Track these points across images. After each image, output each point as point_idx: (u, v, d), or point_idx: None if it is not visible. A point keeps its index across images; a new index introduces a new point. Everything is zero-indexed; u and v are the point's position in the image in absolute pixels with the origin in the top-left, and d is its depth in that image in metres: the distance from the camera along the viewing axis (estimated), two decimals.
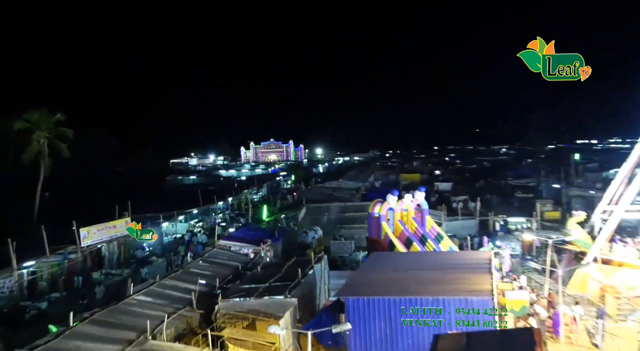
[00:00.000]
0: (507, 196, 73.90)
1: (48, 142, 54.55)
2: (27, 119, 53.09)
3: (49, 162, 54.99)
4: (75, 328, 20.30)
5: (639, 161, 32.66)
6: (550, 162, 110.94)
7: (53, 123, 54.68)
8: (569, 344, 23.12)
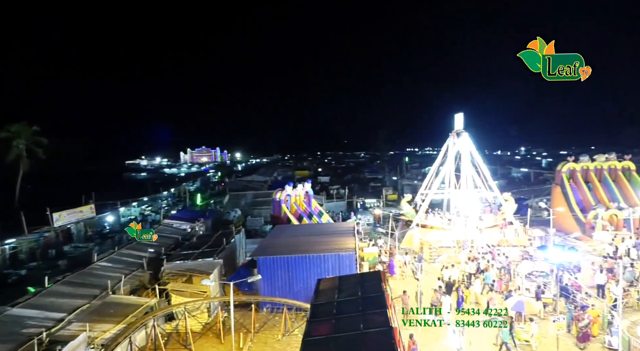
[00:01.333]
0: (364, 185, 76.62)
1: (27, 148, 49.33)
2: (8, 129, 48.00)
3: (27, 163, 49.77)
4: (50, 288, 18.40)
5: (441, 162, 35.34)
6: (390, 163, 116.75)
7: (31, 133, 49.52)
8: (402, 279, 24.51)
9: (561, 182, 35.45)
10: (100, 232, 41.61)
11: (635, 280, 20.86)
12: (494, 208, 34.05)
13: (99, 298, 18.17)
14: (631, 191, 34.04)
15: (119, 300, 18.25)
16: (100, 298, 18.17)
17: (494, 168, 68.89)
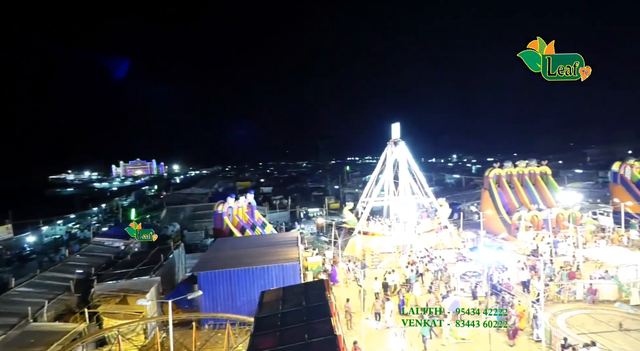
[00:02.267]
0: (307, 195, 77.08)
1: None
2: None
3: None
4: None
5: (380, 170, 36.57)
6: (332, 172, 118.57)
7: None
8: (345, 286, 24.84)
9: (489, 187, 38.11)
10: (19, 254, 37.81)
11: (554, 275, 22.83)
12: (431, 213, 35.72)
13: (17, 327, 16.45)
14: (548, 194, 37.45)
15: (42, 327, 16.65)
16: (19, 327, 16.46)
17: (429, 175, 72.54)
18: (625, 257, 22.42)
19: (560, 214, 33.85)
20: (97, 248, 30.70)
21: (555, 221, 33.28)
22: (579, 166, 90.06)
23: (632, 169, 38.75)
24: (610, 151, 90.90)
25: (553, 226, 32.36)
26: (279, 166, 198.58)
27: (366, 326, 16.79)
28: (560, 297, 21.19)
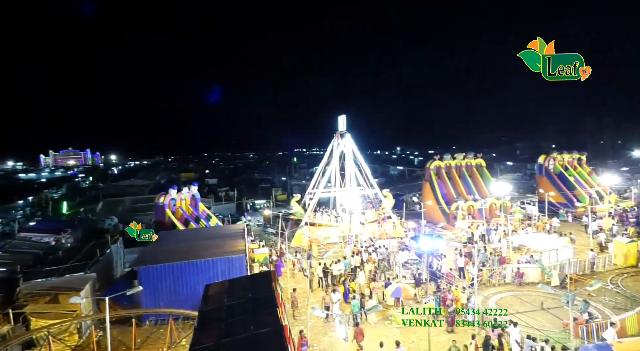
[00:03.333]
0: (254, 186, 76.16)
1: None
2: None
3: None
4: None
5: (327, 162, 37.00)
6: (279, 164, 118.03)
7: None
8: (293, 277, 25.01)
9: (430, 178, 39.88)
10: None
11: (486, 261, 24.49)
12: (375, 204, 36.77)
13: None
14: (483, 185, 39.94)
15: None
16: None
17: (374, 167, 74.43)
18: (547, 242, 24.53)
19: (493, 203, 36.26)
20: (23, 243, 28.35)
21: (489, 210, 35.62)
22: (510, 159, 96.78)
23: (554, 162, 42.33)
24: (537, 146, 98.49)
25: (487, 215, 34.63)
26: (225, 157, 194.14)
27: (312, 316, 17.03)
28: (492, 281, 22.80)
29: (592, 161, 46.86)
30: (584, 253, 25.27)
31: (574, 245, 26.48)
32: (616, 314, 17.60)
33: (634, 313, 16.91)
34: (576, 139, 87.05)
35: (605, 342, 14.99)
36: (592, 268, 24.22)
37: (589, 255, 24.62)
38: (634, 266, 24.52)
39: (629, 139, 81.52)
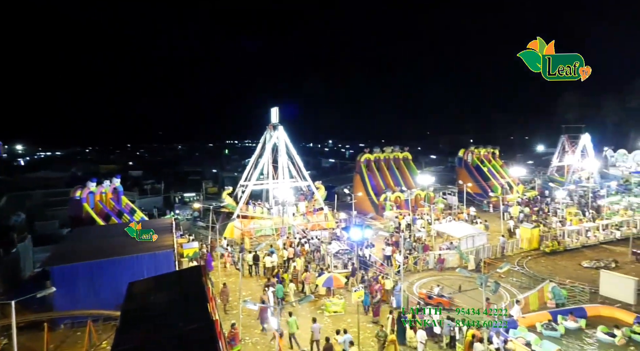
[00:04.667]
0: (183, 179, 73.24)
1: None
2: None
3: None
4: None
5: (260, 154, 36.60)
6: (210, 155, 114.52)
7: None
8: (224, 270, 24.52)
9: (360, 170, 41.15)
10: None
11: (412, 249, 25.94)
12: (308, 196, 37.16)
13: None
14: (409, 177, 42.11)
15: None
16: None
17: (306, 159, 74.92)
18: (465, 230, 26.57)
19: (418, 194, 38.39)
20: None
21: (414, 200, 37.67)
22: (434, 153, 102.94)
23: (472, 156, 45.80)
24: (457, 140, 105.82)
25: (412, 205, 36.58)
26: (150, 148, 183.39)
27: (244, 309, 16.87)
28: (416, 267, 24.23)
29: (503, 154, 51.42)
30: (497, 239, 27.76)
31: (488, 232, 28.99)
32: (521, 293, 19.62)
33: (535, 291, 18.99)
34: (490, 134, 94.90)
35: (512, 318, 16.68)
36: (503, 252, 26.72)
37: (500, 240, 27.13)
38: (536, 249, 27.47)
39: (534, 135, 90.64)
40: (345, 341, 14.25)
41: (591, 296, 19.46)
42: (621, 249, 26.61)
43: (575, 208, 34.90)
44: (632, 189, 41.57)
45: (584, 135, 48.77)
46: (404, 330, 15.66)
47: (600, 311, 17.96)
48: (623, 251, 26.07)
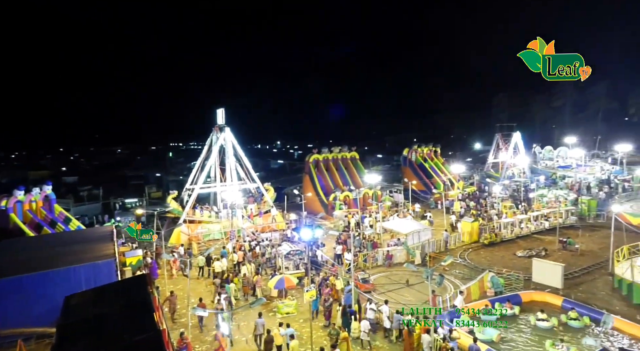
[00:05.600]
0: (124, 184, 69.65)
1: None
2: None
3: None
4: None
5: (206, 156, 35.72)
6: (153, 159, 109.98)
7: None
8: (170, 278, 23.65)
9: (309, 171, 41.41)
10: None
11: (361, 246, 26.53)
12: (257, 198, 36.79)
13: None
14: (357, 176, 43.01)
15: None
16: None
17: (255, 161, 74.16)
18: (411, 226, 27.60)
19: (366, 193, 39.32)
20: None
21: (363, 199, 38.53)
22: (380, 152, 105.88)
23: (416, 154, 47.68)
24: (402, 139, 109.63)
25: (361, 204, 37.40)
26: (87, 152, 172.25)
27: (193, 316, 16.40)
28: (366, 264, 24.82)
29: (444, 152, 54.02)
30: (441, 233, 29.11)
31: (432, 227, 30.33)
32: (464, 283, 20.74)
33: (475, 281, 20.16)
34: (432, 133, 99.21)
35: (456, 308, 17.59)
36: (446, 246, 28.08)
37: (444, 235, 28.48)
38: (476, 241, 29.15)
39: (472, 133, 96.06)
40: (287, 334, 14.79)
41: (525, 283, 20.98)
42: (550, 238, 28.93)
43: (510, 201, 37.44)
44: (557, 183, 45.33)
45: (516, 133, 52.44)
46: (349, 321, 16.16)
47: (533, 297, 19.44)
48: (552, 240, 28.36)
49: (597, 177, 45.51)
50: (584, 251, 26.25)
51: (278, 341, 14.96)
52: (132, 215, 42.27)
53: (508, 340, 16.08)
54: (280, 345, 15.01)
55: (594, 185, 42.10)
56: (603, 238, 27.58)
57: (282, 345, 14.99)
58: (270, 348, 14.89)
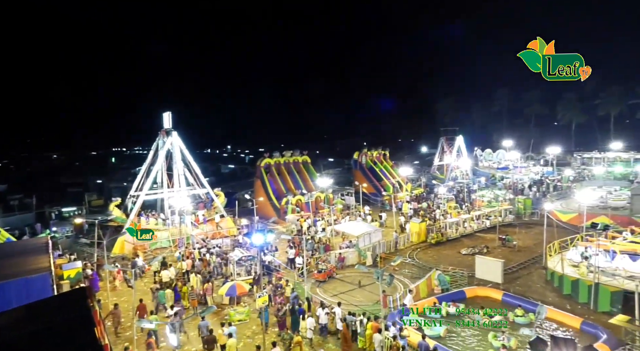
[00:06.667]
0: (61, 191, 65.10)
1: None
2: None
3: None
4: None
5: (152, 162, 34.36)
6: (93, 165, 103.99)
7: None
8: (114, 290, 22.43)
9: (261, 175, 41.01)
10: None
11: (314, 250, 26.63)
12: (207, 204, 35.83)
13: None
14: (309, 180, 43.19)
15: None
16: None
17: (204, 166, 72.20)
18: (362, 228, 28.13)
19: (318, 196, 39.56)
20: None
21: (315, 202, 38.74)
22: (331, 155, 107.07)
23: (366, 157, 48.74)
24: (352, 143, 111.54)
25: (313, 208, 37.58)
26: (17, 159, 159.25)
27: (138, 329, 15.63)
28: (319, 267, 24.91)
29: (393, 156, 55.65)
30: (391, 235, 29.91)
31: (383, 228, 31.10)
32: (413, 282, 21.44)
33: (424, 279, 20.92)
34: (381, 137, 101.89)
35: (406, 306, 18.13)
36: (396, 247, 28.89)
37: (393, 236, 29.29)
38: (424, 241, 30.26)
39: (419, 137, 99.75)
40: (230, 332, 15.05)
41: (469, 280, 22.07)
42: (491, 236, 30.67)
43: (454, 202, 39.25)
44: (496, 184, 48.20)
45: (459, 137, 55.18)
46: (297, 320, 16.26)
47: (477, 292, 20.50)
48: (492, 237, 30.08)
49: (531, 177, 48.92)
50: (521, 247, 28.07)
51: (222, 341, 15.02)
52: (70, 225, 39.56)
53: (454, 334, 16.81)
54: (224, 344, 15.00)
55: (528, 185, 45.18)
56: (537, 234, 29.64)
57: (225, 344, 15.03)
58: (212, 348, 14.91)
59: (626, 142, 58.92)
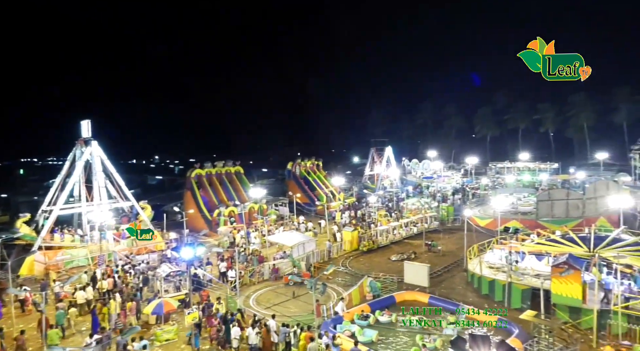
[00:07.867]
0: None
1: None
2: None
3: None
4: None
5: (68, 173, 31.68)
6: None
7: None
8: (21, 316, 20.10)
9: (191, 187, 39.47)
10: None
11: (246, 262, 26.08)
12: (132, 217, 33.65)
13: None
14: (242, 190, 42.38)
15: None
16: None
17: (130, 177, 67.86)
18: (295, 238, 28.13)
19: (251, 207, 38.94)
20: None
21: (248, 214, 38.06)
22: (265, 166, 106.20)
23: (300, 168, 49.05)
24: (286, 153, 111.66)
25: (246, 219, 36.88)
26: None
27: None
28: (253, 280, 24.45)
29: (326, 166, 56.59)
30: (324, 244, 30.22)
31: (316, 238, 31.33)
32: (346, 290, 21.80)
33: (356, 287, 21.38)
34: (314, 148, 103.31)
35: (338, 314, 18.38)
36: (330, 255, 29.25)
37: (327, 245, 29.65)
38: (356, 249, 30.98)
39: (351, 148, 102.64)
40: (140, 346, 14.64)
41: (399, 285, 22.95)
42: (418, 242, 32.23)
43: (384, 210, 40.76)
44: (423, 192, 50.93)
45: (388, 147, 57.61)
46: (229, 329, 15.97)
47: (405, 296, 21.35)
48: (419, 243, 31.63)
49: (453, 186, 52.40)
50: (445, 252, 29.82)
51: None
52: None
53: (386, 339, 17.30)
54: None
55: (451, 193, 48.31)
56: (459, 239, 31.68)
57: None
58: None
59: (532, 153, 65.62)
